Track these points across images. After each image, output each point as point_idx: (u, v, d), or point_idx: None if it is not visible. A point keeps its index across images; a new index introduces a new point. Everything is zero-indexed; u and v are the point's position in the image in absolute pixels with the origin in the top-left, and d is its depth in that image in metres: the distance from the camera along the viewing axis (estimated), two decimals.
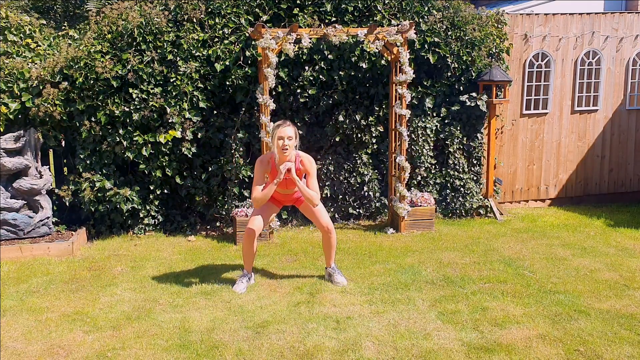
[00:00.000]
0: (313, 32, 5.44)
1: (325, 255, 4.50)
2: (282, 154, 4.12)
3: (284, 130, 4.09)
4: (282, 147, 4.08)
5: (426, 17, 6.14)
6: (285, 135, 4.08)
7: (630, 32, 7.00)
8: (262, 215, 4.33)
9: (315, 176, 4.25)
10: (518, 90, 6.78)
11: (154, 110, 5.68)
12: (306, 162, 4.23)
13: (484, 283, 4.37)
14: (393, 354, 3.29)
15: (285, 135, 4.08)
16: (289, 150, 4.10)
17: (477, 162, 6.45)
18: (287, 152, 4.10)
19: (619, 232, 5.85)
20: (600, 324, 3.63)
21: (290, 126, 4.14)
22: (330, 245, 4.44)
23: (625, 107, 7.17)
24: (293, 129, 4.15)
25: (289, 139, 4.09)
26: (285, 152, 4.10)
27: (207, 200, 6.05)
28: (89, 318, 3.84)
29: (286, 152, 4.10)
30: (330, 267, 4.48)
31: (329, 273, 4.47)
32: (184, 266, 4.93)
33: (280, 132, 4.09)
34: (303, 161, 4.22)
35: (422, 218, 5.94)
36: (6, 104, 5.50)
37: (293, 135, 4.12)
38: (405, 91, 5.69)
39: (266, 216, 4.38)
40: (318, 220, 4.38)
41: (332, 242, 4.43)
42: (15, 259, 5.17)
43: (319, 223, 4.38)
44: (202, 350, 3.36)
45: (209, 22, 5.81)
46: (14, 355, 3.37)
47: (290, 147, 4.11)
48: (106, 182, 5.68)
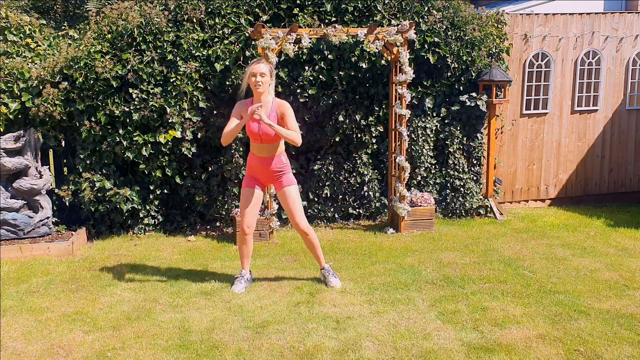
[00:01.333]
0: (313, 32, 5.44)
1: (314, 257, 4.40)
2: (255, 91, 3.95)
3: (257, 67, 3.92)
4: (254, 84, 3.92)
5: (426, 17, 6.14)
6: (258, 71, 3.91)
7: (630, 32, 7.01)
8: (250, 207, 4.18)
9: (292, 117, 4.02)
10: (518, 90, 6.78)
11: (154, 110, 5.68)
12: (282, 105, 4.04)
13: (484, 283, 4.37)
14: (393, 354, 3.29)
15: (258, 72, 3.91)
16: (262, 87, 3.93)
17: (477, 162, 6.45)
18: (260, 88, 3.93)
19: (619, 232, 5.85)
20: (600, 324, 3.63)
21: (265, 63, 3.97)
22: (313, 246, 4.30)
23: (625, 107, 7.18)
24: (267, 67, 3.97)
25: (261, 75, 3.91)
26: (258, 88, 3.92)
27: (207, 200, 6.05)
28: (89, 318, 3.84)
29: (259, 88, 3.92)
30: (323, 269, 4.40)
31: (323, 275, 4.39)
32: (184, 266, 4.93)
33: (254, 69, 3.92)
34: (279, 104, 4.05)
35: (422, 218, 5.94)
36: (6, 104, 5.50)
37: (267, 72, 3.94)
38: (405, 91, 5.69)
39: (254, 206, 4.21)
40: (292, 218, 4.17)
41: (313, 242, 4.28)
42: (15, 259, 5.17)
43: (294, 222, 4.18)
44: (202, 350, 3.36)
45: (209, 22, 5.81)
46: (14, 355, 3.37)
47: (263, 84, 3.93)
48: (106, 182, 5.68)
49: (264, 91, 3.99)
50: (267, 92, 4.06)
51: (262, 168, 4.19)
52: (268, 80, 3.98)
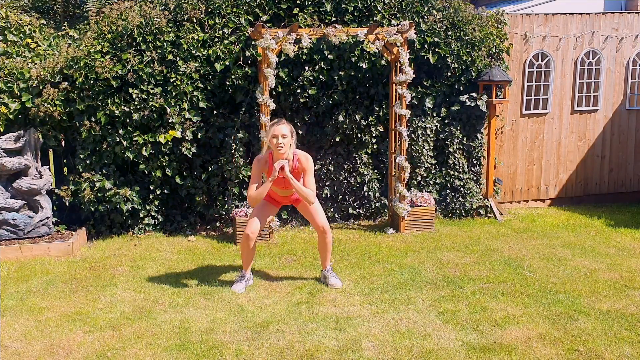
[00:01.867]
0: (313, 32, 5.44)
1: (321, 257, 4.46)
2: (277, 152, 4.09)
3: (279, 129, 4.05)
4: (276, 145, 4.05)
5: (426, 17, 6.14)
6: (279, 133, 4.04)
7: (630, 32, 7.01)
8: (260, 217, 4.31)
9: (311, 174, 4.21)
10: (518, 90, 6.78)
11: (154, 110, 5.68)
12: (302, 159, 4.19)
13: (484, 283, 4.37)
14: (393, 354, 3.29)
15: (279, 134, 4.04)
16: (284, 148, 4.07)
17: (477, 162, 6.45)
18: (282, 149, 4.06)
19: (619, 232, 5.85)
20: (600, 324, 3.63)
21: (285, 124, 4.10)
22: (326, 246, 4.39)
23: (625, 107, 7.18)
24: (288, 127, 4.11)
25: (283, 137, 4.04)
26: (280, 149, 4.06)
27: (207, 200, 6.05)
28: (89, 318, 3.84)
29: (281, 149, 4.06)
30: (325, 270, 4.45)
31: (324, 275, 4.44)
32: (184, 266, 4.93)
33: (275, 131, 4.06)
34: (300, 159, 4.18)
35: (422, 218, 5.94)
36: (6, 104, 5.50)
37: (288, 133, 4.08)
38: (405, 91, 5.69)
39: (264, 217, 4.35)
40: (314, 220, 4.35)
41: (328, 243, 4.39)
42: (15, 259, 5.17)
43: (315, 223, 4.35)
44: (202, 350, 3.36)
45: (209, 22, 5.81)
46: (14, 355, 3.37)
47: (285, 145, 4.06)
48: (106, 182, 5.68)
49: (285, 152, 4.11)
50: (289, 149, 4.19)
51: (283, 199, 4.45)
52: (289, 141, 4.11)
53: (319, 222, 4.33)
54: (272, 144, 4.08)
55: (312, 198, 4.17)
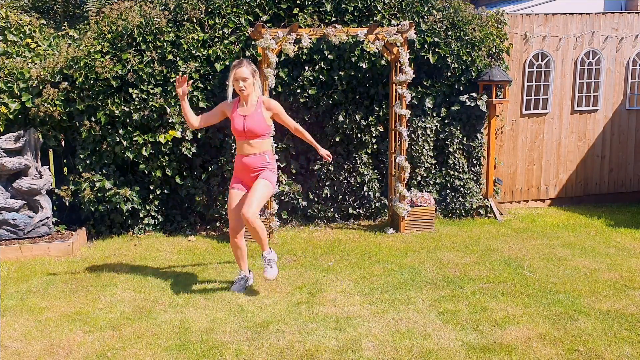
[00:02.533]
0: (313, 32, 5.44)
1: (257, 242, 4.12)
2: (241, 95, 4.07)
3: (239, 72, 4.01)
4: (239, 89, 4.03)
5: (426, 17, 6.14)
6: (240, 76, 4.00)
7: (630, 32, 7.01)
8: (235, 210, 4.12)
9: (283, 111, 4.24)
10: (518, 90, 6.78)
11: (154, 110, 5.68)
12: (269, 103, 4.16)
13: (484, 283, 4.37)
14: (393, 354, 3.29)
15: (240, 77, 4.01)
16: (246, 90, 4.03)
17: (477, 162, 6.45)
18: (245, 92, 4.04)
19: (619, 232, 5.85)
20: (600, 324, 3.63)
21: (246, 66, 4.03)
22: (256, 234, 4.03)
23: (625, 107, 7.18)
24: (249, 69, 4.04)
25: (244, 80, 4.01)
26: (243, 92, 4.03)
27: (207, 200, 6.05)
28: (89, 318, 3.84)
29: (243, 92, 4.03)
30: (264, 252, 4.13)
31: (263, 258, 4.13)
32: (184, 266, 4.93)
33: (236, 74, 4.02)
34: (266, 102, 4.15)
35: (422, 218, 5.93)
36: (6, 104, 5.50)
37: (249, 75, 4.03)
38: (405, 91, 5.69)
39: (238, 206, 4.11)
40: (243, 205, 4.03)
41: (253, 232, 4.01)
42: (15, 259, 5.17)
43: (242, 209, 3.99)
44: (202, 350, 3.36)
45: (209, 22, 5.81)
46: (14, 355, 3.37)
47: (247, 87, 4.03)
48: (106, 182, 5.68)
49: (248, 94, 4.10)
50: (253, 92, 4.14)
51: (246, 168, 4.14)
52: (251, 82, 4.07)
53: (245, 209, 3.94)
54: (236, 87, 4.05)
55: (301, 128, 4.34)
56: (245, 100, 4.11)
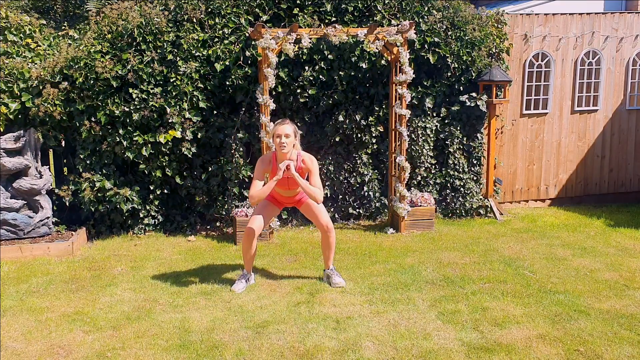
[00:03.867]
0: (313, 32, 5.44)
1: (324, 257, 4.48)
2: (280, 152, 4.13)
3: (282, 128, 4.11)
4: (279, 145, 4.10)
5: (426, 17, 6.14)
6: (282, 133, 4.09)
7: (630, 32, 7.00)
8: (263, 216, 4.33)
9: (317, 173, 4.24)
10: (518, 90, 6.78)
11: (154, 110, 5.68)
12: (307, 160, 4.23)
13: (484, 283, 4.37)
14: (393, 354, 3.29)
15: (282, 133, 4.09)
16: (287, 148, 4.11)
17: (477, 162, 6.45)
18: (285, 149, 4.11)
19: (619, 232, 5.85)
20: (600, 324, 3.63)
21: (289, 124, 4.15)
22: (329, 246, 4.42)
23: (625, 107, 7.17)
24: (292, 127, 4.15)
25: (286, 136, 4.10)
26: (283, 149, 4.10)
27: (207, 200, 6.05)
28: (89, 318, 3.84)
29: (284, 149, 4.10)
30: (328, 269, 4.47)
31: (327, 275, 4.45)
32: (184, 266, 4.93)
33: (278, 130, 4.11)
34: (304, 160, 4.22)
35: (422, 218, 5.93)
36: (6, 104, 5.50)
37: (291, 133, 4.13)
38: (405, 91, 5.69)
39: (266, 216, 4.37)
40: (317, 219, 4.37)
41: (331, 242, 4.41)
42: (15, 259, 5.17)
43: (319, 222, 4.37)
44: (202, 350, 3.36)
45: (209, 22, 5.81)
46: (14, 355, 3.37)
47: (288, 145, 4.11)
48: (106, 182, 5.68)
49: (288, 151, 4.16)
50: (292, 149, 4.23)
51: (286, 200, 4.46)
52: (292, 140, 4.16)
53: (322, 221, 4.35)
54: (276, 144, 4.13)
55: (320, 196, 4.18)
56: (284, 157, 4.17)
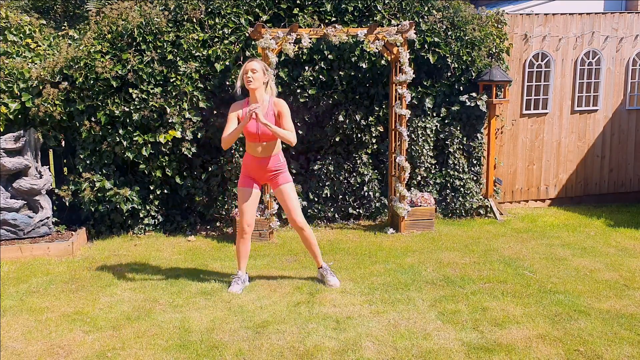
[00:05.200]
0: (313, 32, 5.44)
1: (311, 255, 4.40)
2: (248, 88, 4.02)
3: (250, 64, 4.01)
4: (246, 80, 4.00)
5: (426, 17, 6.14)
6: (249, 68, 4.00)
7: (630, 32, 7.01)
8: (249, 207, 4.22)
9: (289, 117, 4.10)
10: (518, 90, 6.78)
11: (154, 110, 5.68)
12: (278, 102, 4.11)
13: (484, 283, 4.37)
14: (393, 354, 3.29)
15: (249, 68, 4.00)
16: (253, 83, 4.00)
17: (477, 162, 6.45)
18: (252, 84, 4.00)
19: (619, 232, 5.85)
20: (600, 324, 3.63)
21: (257, 61, 4.05)
22: (310, 243, 4.31)
23: (625, 107, 7.18)
24: (260, 64, 4.05)
25: (252, 71, 3.99)
26: (250, 84, 3.99)
27: (207, 200, 6.05)
28: (89, 318, 3.84)
29: (250, 84, 3.99)
30: (320, 268, 4.40)
31: (321, 274, 4.39)
32: (184, 266, 4.93)
33: (246, 66, 4.02)
34: (276, 103, 4.11)
35: (422, 218, 5.94)
36: (6, 104, 5.50)
37: (259, 69, 4.02)
38: (405, 91, 5.69)
39: (252, 205, 4.23)
40: (289, 214, 4.21)
41: (310, 239, 4.29)
42: (15, 259, 5.17)
43: (290, 217, 4.23)
44: (202, 350, 3.36)
45: (209, 22, 5.81)
46: (14, 355, 3.37)
47: (255, 80, 4.00)
48: (106, 182, 5.68)
49: (256, 87, 4.04)
50: (262, 89, 4.11)
51: (259, 167, 4.21)
52: (260, 76, 4.04)
53: (292, 216, 4.20)
54: (245, 81, 4.03)
55: (293, 138, 4.06)
56: (255, 98, 4.06)
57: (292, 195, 4.24)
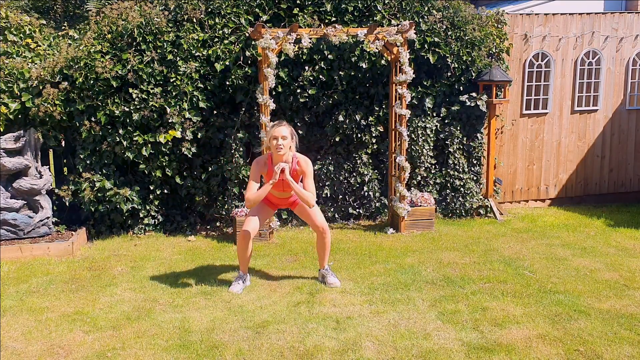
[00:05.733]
0: (313, 32, 5.44)
1: (319, 257, 4.47)
2: (276, 154, 4.11)
3: (279, 130, 4.08)
4: (276, 147, 4.07)
5: (426, 17, 6.14)
6: (279, 134, 4.07)
7: (630, 32, 7.01)
8: (258, 217, 4.32)
9: (311, 177, 4.21)
10: (518, 90, 6.78)
11: (154, 110, 5.68)
12: (302, 162, 4.20)
13: (484, 283, 4.37)
14: (393, 354, 3.29)
15: (279, 135, 4.07)
16: (283, 150, 4.08)
17: (477, 162, 6.45)
18: (282, 151, 4.08)
19: (619, 232, 5.85)
20: (600, 324, 3.63)
21: (286, 126, 4.13)
22: (325, 246, 4.40)
23: (625, 107, 7.18)
24: (288, 129, 4.13)
25: (283, 138, 4.07)
26: (280, 151, 4.08)
27: (207, 200, 6.05)
28: (89, 318, 3.84)
29: (280, 151, 4.08)
30: (323, 269, 4.46)
31: (322, 274, 4.45)
32: (184, 266, 4.93)
33: (275, 132, 4.09)
34: (299, 162, 4.20)
35: (422, 218, 5.93)
36: (6, 104, 5.50)
37: (288, 135, 4.11)
38: (405, 91, 5.69)
39: (261, 218, 4.36)
40: (313, 221, 4.34)
41: (327, 243, 4.39)
42: (15, 259, 5.17)
43: (314, 224, 4.34)
44: (202, 350, 3.36)
45: (209, 22, 5.81)
46: (14, 355, 3.37)
47: (284, 147, 4.08)
48: (106, 182, 5.68)
49: (284, 153, 4.13)
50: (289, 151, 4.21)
51: (280, 202, 4.44)
52: (289, 142, 4.14)
53: (318, 223, 4.33)
54: (272, 145, 4.10)
55: (312, 201, 4.16)
56: (280, 159, 4.14)
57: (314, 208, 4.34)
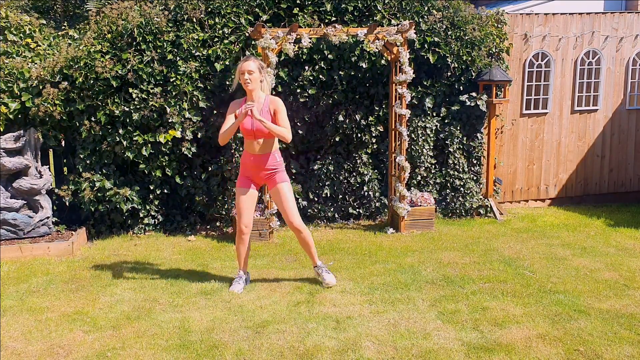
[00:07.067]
0: (313, 32, 5.44)
1: (307, 255, 4.40)
2: (246, 89, 4.06)
3: (246, 65, 4.02)
4: (243, 82, 4.02)
5: (426, 17, 6.14)
6: (246, 69, 4.01)
7: (630, 32, 7.00)
8: (246, 207, 4.22)
9: (284, 114, 4.11)
10: (518, 90, 6.78)
11: (154, 110, 5.68)
12: (274, 100, 4.12)
13: (484, 283, 4.38)
14: (393, 354, 3.29)
15: (246, 70, 4.01)
16: (251, 84, 4.02)
17: (477, 162, 6.45)
18: (250, 86, 4.02)
19: (619, 232, 5.85)
20: (600, 324, 3.63)
21: (253, 60, 4.06)
22: (307, 244, 4.29)
23: (625, 107, 7.18)
24: (256, 63, 4.05)
25: (249, 72, 4.01)
26: (248, 86, 4.02)
27: (207, 200, 6.05)
28: (89, 318, 3.84)
29: (249, 86, 4.02)
30: (316, 266, 4.40)
31: (317, 272, 4.39)
32: (184, 266, 4.93)
33: (242, 67, 4.03)
34: (271, 100, 4.12)
35: (422, 218, 5.94)
36: (6, 104, 5.50)
37: (255, 69, 4.03)
38: (405, 91, 5.69)
39: (250, 206, 4.24)
40: (287, 217, 4.20)
41: (307, 241, 4.28)
42: (15, 259, 5.17)
43: (287, 220, 4.21)
44: (202, 350, 3.36)
45: (209, 22, 5.81)
46: (14, 355, 3.37)
47: (252, 81, 4.02)
48: (106, 182, 5.68)
49: (253, 88, 4.08)
50: (259, 88, 4.13)
51: (256, 166, 4.20)
52: (257, 77, 4.06)
53: (291, 220, 4.19)
54: (241, 81, 4.05)
55: (288, 135, 4.06)
56: (252, 97, 4.09)
57: (288, 195, 4.22)
